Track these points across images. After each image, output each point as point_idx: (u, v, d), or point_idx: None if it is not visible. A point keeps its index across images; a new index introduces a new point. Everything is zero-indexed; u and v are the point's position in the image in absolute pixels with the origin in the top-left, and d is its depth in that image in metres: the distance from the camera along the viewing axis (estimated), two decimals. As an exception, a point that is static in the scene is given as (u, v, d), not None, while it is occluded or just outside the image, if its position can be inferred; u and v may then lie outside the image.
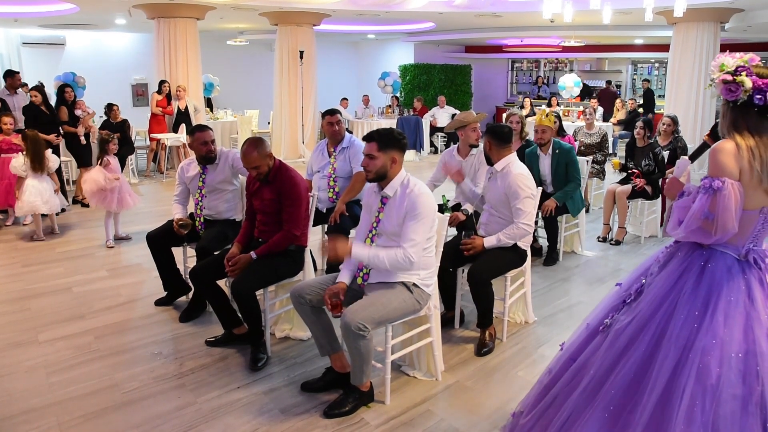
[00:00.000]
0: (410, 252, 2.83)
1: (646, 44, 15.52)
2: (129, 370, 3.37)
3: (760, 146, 2.03)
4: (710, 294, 2.05)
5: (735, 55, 2.18)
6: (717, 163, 2.06)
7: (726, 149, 2.06)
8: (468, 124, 4.54)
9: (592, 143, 7.11)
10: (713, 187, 2.02)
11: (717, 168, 2.05)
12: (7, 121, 6.40)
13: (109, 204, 5.71)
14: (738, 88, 2.07)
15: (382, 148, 2.90)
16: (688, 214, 2.06)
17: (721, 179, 2.01)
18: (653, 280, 2.21)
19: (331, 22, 11.99)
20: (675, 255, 2.21)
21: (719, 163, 2.05)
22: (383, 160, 2.91)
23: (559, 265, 5.32)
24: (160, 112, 9.78)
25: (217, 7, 9.99)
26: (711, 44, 10.06)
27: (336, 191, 4.63)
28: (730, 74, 2.09)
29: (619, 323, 2.18)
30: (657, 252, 2.34)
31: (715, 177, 2.03)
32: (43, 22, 12.28)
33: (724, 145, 2.07)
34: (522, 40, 15.23)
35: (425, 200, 2.88)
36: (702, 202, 2.02)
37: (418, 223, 2.85)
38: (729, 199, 1.99)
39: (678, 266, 2.16)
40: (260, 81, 15.47)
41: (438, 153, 12.88)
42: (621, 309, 2.26)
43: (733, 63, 2.12)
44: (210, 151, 4.06)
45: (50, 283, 4.78)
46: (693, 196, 2.08)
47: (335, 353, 3.10)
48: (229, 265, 3.41)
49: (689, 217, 2.06)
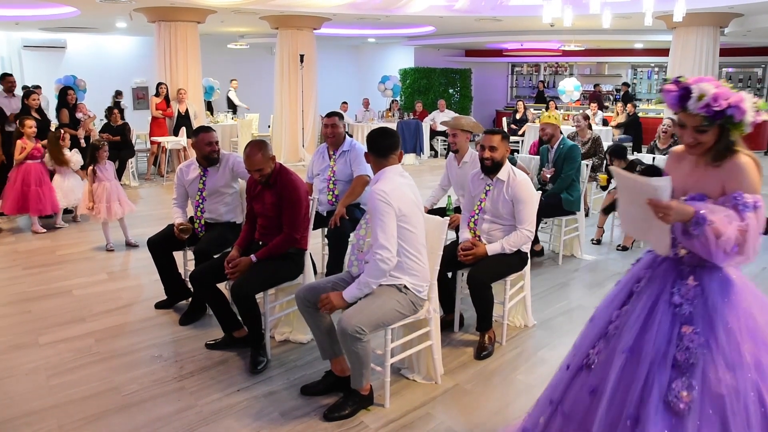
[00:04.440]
0: (380, 255, 2.81)
1: (645, 48, 15.58)
2: (129, 373, 3.38)
3: None
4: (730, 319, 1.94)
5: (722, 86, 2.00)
6: (756, 179, 1.97)
7: (752, 164, 1.99)
8: (461, 128, 4.51)
9: (587, 152, 7.11)
10: (758, 205, 1.93)
11: (756, 184, 1.97)
12: (30, 124, 6.36)
13: (97, 213, 5.71)
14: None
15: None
16: (749, 235, 1.91)
17: (758, 197, 1.95)
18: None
19: (332, 26, 12.02)
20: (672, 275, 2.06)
21: (757, 178, 1.98)
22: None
23: (558, 268, 5.32)
24: (161, 115, 9.80)
25: (218, 10, 10.02)
26: (710, 49, 10.09)
27: (335, 194, 4.63)
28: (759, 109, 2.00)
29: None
30: (627, 278, 2.22)
31: (753, 193, 1.95)
32: (44, 26, 12.32)
33: (749, 160, 1.99)
34: (522, 44, 15.27)
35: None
36: (757, 221, 1.92)
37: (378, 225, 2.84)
38: (764, 219, 1.95)
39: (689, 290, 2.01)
40: (261, 84, 15.49)
41: (438, 157, 12.91)
42: (600, 344, 2.13)
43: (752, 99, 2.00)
44: (214, 152, 4.07)
45: (51, 286, 4.79)
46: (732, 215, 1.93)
47: (336, 357, 3.10)
48: (229, 267, 3.42)
49: (751, 238, 1.92)
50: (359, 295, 2.88)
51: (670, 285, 2.05)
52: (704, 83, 1.95)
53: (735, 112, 1.92)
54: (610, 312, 2.20)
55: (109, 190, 5.75)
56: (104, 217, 5.73)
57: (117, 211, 5.76)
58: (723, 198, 1.99)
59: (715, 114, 1.94)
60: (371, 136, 2.98)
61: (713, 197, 2.02)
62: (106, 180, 5.78)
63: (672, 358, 1.91)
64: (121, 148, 8.77)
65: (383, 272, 2.85)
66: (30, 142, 6.32)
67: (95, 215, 5.75)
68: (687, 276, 2.03)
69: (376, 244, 2.82)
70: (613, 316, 2.16)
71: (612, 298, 2.24)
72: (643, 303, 2.06)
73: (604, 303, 2.27)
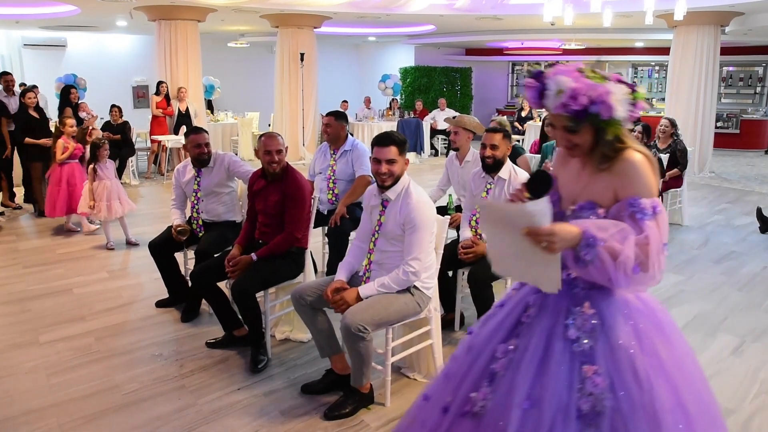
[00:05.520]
0: (412, 266, 2.84)
1: (646, 47, 15.56)
2: (129, 372, 3.37)
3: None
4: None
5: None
6: (651, 179, 1.69)
7: (646, 162, 1.70)
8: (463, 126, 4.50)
9: None
10: (657, 210, 1.65)
11: (653, 185, 1.68)
12: (71, 123, 6.28)
13: (97, 212, 5.71)
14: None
15: (401, 152, 2.93)
16: (651, 249, 1.61)
17: (657, 200, 1.67)
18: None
19: (332, 25, 12.01)
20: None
21: (652, 178, 1.69)
22: (401, 164, 2.93)
23: (559, 267, 5.31)
24: (161, 113, 9.80)
25: (218, 9, 10.01)
26: (711, 47, 10.08)
27: (335, 193, 4.63)
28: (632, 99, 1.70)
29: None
30: (512, 304, 1.91)
31: (650, 197, 1.66)
32: (44, 24, 12.31)
33: (641, 157, 1.71)
34: (522, 43, 15.26)
35: (423, 208, 2.88)
36: (659, 229, 1.64)
37: (418, 235, 2.85)
38: (667, 225, 1.68)
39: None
40: (261, 83, 15.49)
41: (438, 155, 12.89)
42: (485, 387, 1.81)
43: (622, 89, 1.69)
44: (203, 153, 4.07)
45: (51, 285, 4.78)
46: (626, 229, 1.63)
47: (335, 355, 3.10)
48: (230, 266, 3.42)
49: (654, 252, 1.61)
50: (376, 294, 2.88)
51: (563, 315, 1.73)
52: (563, 76, 1.65)
53: (600, 109, 1.64)
54: (493, 346, 1.85)
55: (109, 189, 5.75)
56: (104, 216, 5.72)
57: (117, 209, 5.76)
58: (617, 206, 1.70)
59: (578, 112, 1.66)
60: (399, 135, 2.99)
61: (605, 205, 1.73)
62: (107, 178, 5.78)
63: (576, 408, 1.63)
64: (122, 147, 8.77)
65: (410, 283, 2.88)
66: (71, 142, 6.24)
67: (96, 214, 5.75)
68: (582, 302, 1.74)
69: (411, 256, 2.84)
70: (498, 352, 1.82)
71: (496, 327, 1.89)
72: (537, 339, 1.74)
73: (486, 331, 1.92)
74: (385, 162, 2.89)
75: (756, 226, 6.58)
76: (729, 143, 14.07)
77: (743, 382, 3.31)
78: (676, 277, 5.03)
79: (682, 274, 5.11)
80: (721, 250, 5.84)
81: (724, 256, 5.65)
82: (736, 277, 5.07)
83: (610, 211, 1.71)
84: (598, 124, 1.68)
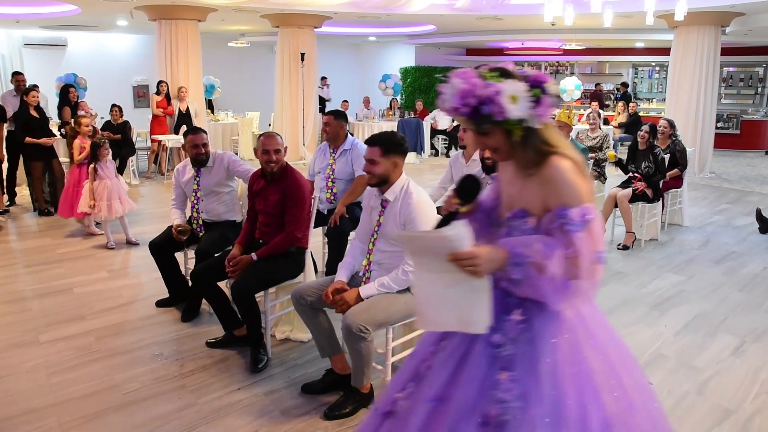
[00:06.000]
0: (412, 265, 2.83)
1: (647, 47, 15.56)
2: (130, 371, 3.38)
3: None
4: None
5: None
6: (579, 185, 1.60)
7: (572, 167, 1.62)
8: None
9: (594, 146, 7.12)
10: (588, 218, 1.57)
11: (581, 192, 1.60)
12: (86, 122, 6.27)
13: (98, 212, 5.71)
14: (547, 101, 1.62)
15: (385, 153, 2.90)
16: (581, 262, 1.55)
17: (588, 206, 1.59)
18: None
19: (333, 25, 12.00)
20: None
21: (580, 184, 1.61)
22: (385, 165, 2.91)
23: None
24: (161, 113, 9.80)
25: (219, 9, 10.01)
26: (712, 48, 10.08)
27: (334, 192, 4.63)
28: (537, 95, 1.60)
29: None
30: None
31: (578, 205, 1.58)
32: (44, 24, 12.31)
33: (566, 163, 1.62)
34: (523, 43, 15.26)
35: (423, 208, 2.88)
36: (592, 239, 1.56)
37: None
38: (600, 233, 1.60)
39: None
40: (261, 83, 15.49)
41: (438, 156, 12.89)
42: (410, 386, 1.79)
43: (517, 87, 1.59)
44: (200, 154, 4.07)
45: (51, 284, 4.78)
46: (552, 243, 1.57)
47: (336, 355, 3.10)
48: (230, 266, 3.42)
49: (585, 265, 1.55)
50: (377, 294, 2.88)
51: (493, 320, 1.67)
52: (457, 78, 1.59)
53: (491, 109, 1.56)
54: (427, 347, 1.82)
55: (110, 188, 5.76)
56: (105, 215, 5.73)
57: (118, 209, 5.76)
58: (547, 217, 1.62)
59: (470, 114, 1.59)
60: (390, 135, 2.98)
61: (536, 213, 1.66)
62: (107, 178, 5.78)
63: (481, 414, 1.58)
64: (122, 147, 8.77)
65: (410, 283, 2.88)
66: (88, 142, 6.19)
67: (96, 213, 5.75)
68: (513, 309, 1.68)
69: None
70: (428, 353, 1.80)
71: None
72: (460, 339, 1.70)
73: (427, 334, 1.90)
74: (367, 161, 2.93)
75: (756, 227, 6.58)
76: (729, 144, 14.07)
77: (743, 382, 3.31)
78: (677, 278, 5.02)
79: (683, 275, 5.11)
80: (721, 251, 5.84)
81: (725, 257, 5.65)
82: (736, 277, 5.07)
83: (542, 222, 1.64)
84: (500, 125, 1.60)
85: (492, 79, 1.58)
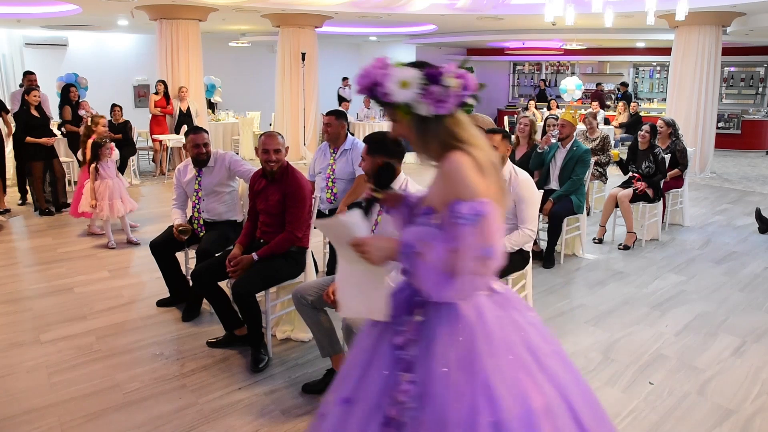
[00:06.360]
0: None
1: (647, 47, 15.56)
2: (130, 371, 3.38)
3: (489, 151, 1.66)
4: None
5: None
6: (471, 179, 1.58)
7: (468, 161, 1.61)
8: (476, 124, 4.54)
9: (594, 148, 7.12)
10: (480, 213, 1.54)
11: (474, 185, 1.58)
12: (103, 122, 6.27)
13: (99, 212, 5.71)
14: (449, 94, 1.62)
15: (371, 152, 2.91)
16: (461, 256, 1.52)
17: (483, 201, 1.56)
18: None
19: (333, 24, 12.00)
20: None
21: (472, 178, 1.58)
22: (369, 164, 2.90)
23: (560, 267, 5.32)
24: (159, 112, 9.80)
25: (220, 8, 10.01)
26: (712, 48, 10.07)
27: (335, 192, 4.64)
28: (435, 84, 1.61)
29: None
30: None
31: (472, 199, 1.56)
32: (45, 23, 12.31)
33: (461, 157, 1.61)
34: (524, 43, 15.25)
35: None
36: (482, 234, 1.53)
37: None
38: (496, 225, 1.57)
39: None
40: (262, 83, 15.48)
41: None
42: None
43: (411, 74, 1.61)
44: (201, 153, 4.07)
45: (52, 284, 4.79)
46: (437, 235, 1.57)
47: (336, 354, 3.10)
48: (231, 266, 3.42)
49: (466, 259, 1.53)
50: None
51: (396, 321, 1.69)
52: (372, 62, 1.66)
53: (380, 90, 1.61)
54: (353, 349, 1.87)
55: (111, 188, 5.76)
56: (106, 215, 5.73)
57: (119, 208, 5.77)
58: (444, 210, 1.61)
59: (369, 93, 1.65)
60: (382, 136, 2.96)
61: (440, 209, 1.64)
62: (109, 178, 5.79)
63: (383, 414, 1.60)
64: (123, 146, 8.76)
65: None
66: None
67: (98, 213, 5.75)
68: (415, 309, 1.68)
69: None
70: (352, 354, 1.84)
71: (367, 331, 1.84)
72: (370, 341, 1.73)
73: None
74: (362, 159, 2.99)
75: (756, 227, 6.58)
76: (730, 144, 14.07)
77: (744, 382, 3.30)
78: (677, 278, 5.02)
79: (684, 275, 5.11)
80: (722, 251, 5.84)
81: (725, 257, 5.64)
82: (737, 277, 5.06)
83: (441, 216, 1.63)
84: (393, 108, 1.64)
85: (397, 66, 1.63)
